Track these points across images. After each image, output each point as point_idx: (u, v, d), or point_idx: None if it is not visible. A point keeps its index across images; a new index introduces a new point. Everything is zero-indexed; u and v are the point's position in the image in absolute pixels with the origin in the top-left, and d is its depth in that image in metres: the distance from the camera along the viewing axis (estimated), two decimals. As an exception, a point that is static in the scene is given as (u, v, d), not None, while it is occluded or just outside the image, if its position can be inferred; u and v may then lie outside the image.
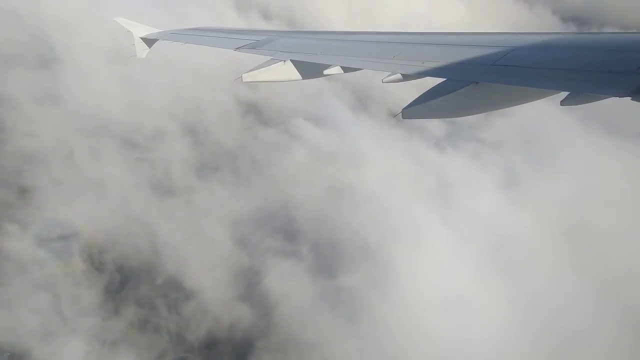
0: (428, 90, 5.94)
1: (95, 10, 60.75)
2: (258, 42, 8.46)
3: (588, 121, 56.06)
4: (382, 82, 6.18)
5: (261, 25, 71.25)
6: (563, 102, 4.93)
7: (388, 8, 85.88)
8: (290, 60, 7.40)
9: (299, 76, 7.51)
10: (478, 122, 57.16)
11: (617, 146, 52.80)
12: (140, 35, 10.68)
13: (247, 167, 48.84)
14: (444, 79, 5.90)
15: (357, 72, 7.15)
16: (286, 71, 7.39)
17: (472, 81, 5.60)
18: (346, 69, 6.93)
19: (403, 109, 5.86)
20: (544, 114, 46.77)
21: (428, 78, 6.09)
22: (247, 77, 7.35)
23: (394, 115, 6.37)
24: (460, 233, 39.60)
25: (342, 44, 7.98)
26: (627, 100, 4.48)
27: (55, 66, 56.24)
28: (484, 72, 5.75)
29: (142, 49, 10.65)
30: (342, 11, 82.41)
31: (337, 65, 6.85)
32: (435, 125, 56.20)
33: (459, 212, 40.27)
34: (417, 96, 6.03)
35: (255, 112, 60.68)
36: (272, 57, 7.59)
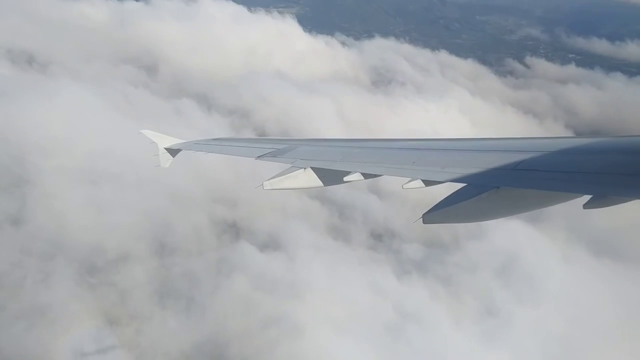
0: (449, 196, 5.88)
1: (72, 133, 61.96)
2: (279, 151, 8.51)
3: (572, 241, 52.86)
4: (403, 188, 6.09)
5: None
6: (586, 206, 4.87)
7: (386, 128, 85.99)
8: (311, 167, 7.40)
9: (319, 183, 7.42)
10: (454, 243, 54.15)
11: (604, 268, 49.08)
12: (165, 146, 10.62)
13: (207, 293, 45.33)
14: (465, 184, 5.87)
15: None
16: (307, 178, 7.35)
17: (493, 186, 5.55)
18: (366, 176, 6.89)
19: (424, 214, 5.79)
20: (521, 235, 43.57)
21: (448, 183, 6.00)
22: (268, 185, 7.28)
23: (414, 221, 5.79)
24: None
25: (362, 150, 8.05)
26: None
27: (26, 187, 55.80)
28: (504, 176, 5.68)
29: (166, 159, 10.66)
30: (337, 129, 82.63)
31: (357, 172, 6.84)
32: (411, 248, 53.34)
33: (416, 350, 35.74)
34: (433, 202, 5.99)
35: (232, 232, 58.59)
36: (292, 165, 7.58)
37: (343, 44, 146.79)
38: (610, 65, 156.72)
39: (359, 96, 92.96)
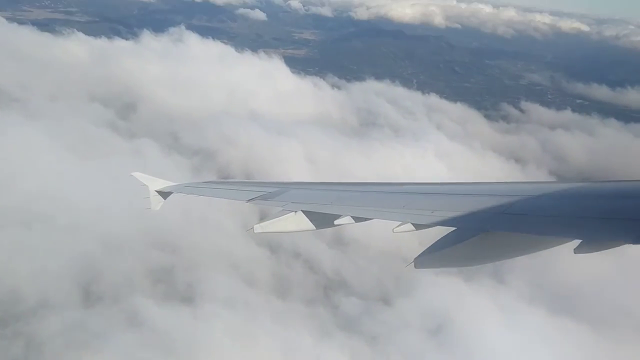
0: (439, 240, 5.88)
1: (12, 172, 60.08)
2: (270, 194, 8.44)
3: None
4: (393, 231, 6.05)
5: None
6: (577, 250, 4.79)
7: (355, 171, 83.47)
8: (302, 210, 7.28)
9: (310, 226, 7.28)
10: (398, 297, 50.68)
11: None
12: (156, 189, 10.47)
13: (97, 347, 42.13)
14: (455, 228, 5.83)
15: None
16: (297, 222, 7.25)
17: (483, 230, 5.51)
18: (357, 219, 6.81)
19: (415, 259, 5.79)
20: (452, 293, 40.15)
21: (439, 227, 5.93)
22: (258, 229, 7.17)
23: (406, 265, 5.64)
24: None
25: (353, 194, 8.10)
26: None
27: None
28: (494, 220, 5.67)
29: (156, 202, 10.46)
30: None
31: (347, 216, 6.77)
32: (349, 302, 49.81)
33: None
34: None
35: (167, 281, 55.56)
36: (283, 208, 7.48)
37: (334, 86, 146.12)
38: (616, 111, 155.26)
39: (331, 139, 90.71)
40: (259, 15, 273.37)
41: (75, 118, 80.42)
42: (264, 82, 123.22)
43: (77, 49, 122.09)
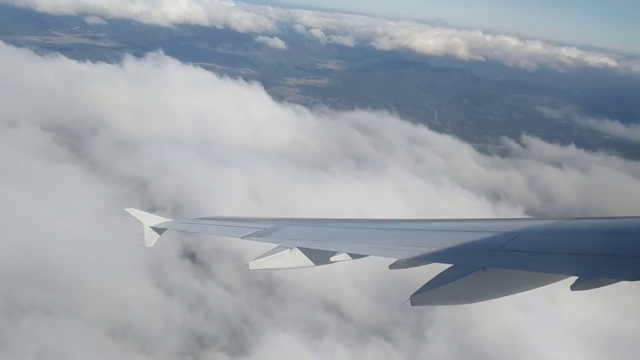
0: (436, 277, 5.79)
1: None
2: (265, 230, 8.27)
3: None
4: (389, 268, 6.13)
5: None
6: (573, 287, 4.83)
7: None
8: (297, 247, 7.25)
9: (305, 263, 7.21)
10: None
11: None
12: (151, 225, 10.16)
13: None
14: (452, 265, 5.78)
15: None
16: (293, 258, 7.18)
17: (480, 267, 5.51)
18: (353, 256, 6.76)
19: (411, 296, 5.63)
20: None
21: (437, 264, 5.91)
22: (253, 265, 7.05)
23: (402, 303, 5.34)
24: None
25: (349, 231, 8.11)
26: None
27: None
28: (490, 257, 5.65)
29: (150, 239, 10.11)
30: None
31: (343, 252, 6.73)
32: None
33: None
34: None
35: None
36: (279, 245, 7.38)
37: (322, 114, 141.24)
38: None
39: (281, 170, 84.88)
40: (278, 43, 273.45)
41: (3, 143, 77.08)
42: (236, 110, 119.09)
43: (49, 72, 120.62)
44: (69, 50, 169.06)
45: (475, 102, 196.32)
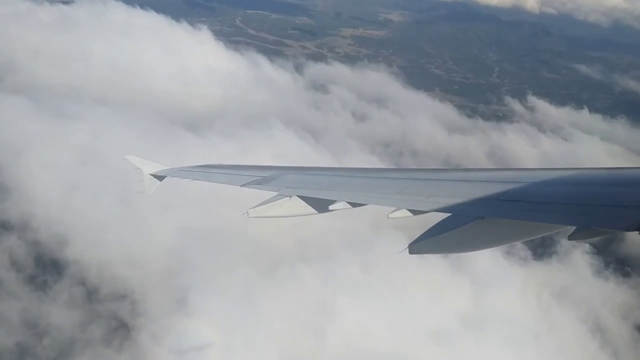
0: (434, 225, 5.86)
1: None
2: (264, 178, 8.17)
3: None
4: (388, 217, 6.02)
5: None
6: (571, 237, 4.90)
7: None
8: (297, 195, 7.21)
9: (304, 211, 7.18)
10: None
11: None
12: (150, 172, 9.90)
13: None
14: (450, 214, 5.86)
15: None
16: (292, 207, 7.15)
17: (478, 216, 5.54)
18: (352, 204, 6.77)
19: (410, 244, 5.76)
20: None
21: (435, 213, 5.93)
22: (253, 213, 7.05)
23: (400, 251, 5.51)
24: None
25: (348, 179, 8.12)
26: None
27: None
28: (489, 207, 5.67)
29: (150, 186, 9.97)
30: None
31: (342, 201, 6.73)
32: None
33: None
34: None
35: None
36: (278, 193, 7.34)
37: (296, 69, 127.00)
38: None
39: (138, 127, 73.12)
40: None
41: None
42: (175, 58, 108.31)
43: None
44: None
45: (542, 60, 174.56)
